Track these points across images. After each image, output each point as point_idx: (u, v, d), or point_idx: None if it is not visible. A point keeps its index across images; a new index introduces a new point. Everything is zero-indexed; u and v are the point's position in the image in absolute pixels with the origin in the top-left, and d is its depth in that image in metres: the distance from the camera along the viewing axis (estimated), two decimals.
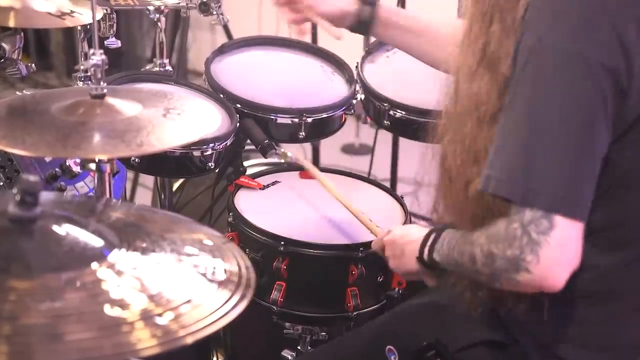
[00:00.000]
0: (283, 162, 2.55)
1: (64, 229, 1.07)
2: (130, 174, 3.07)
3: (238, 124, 2.01)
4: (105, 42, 2.19)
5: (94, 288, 0.99)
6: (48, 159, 2.05)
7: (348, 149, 4.18)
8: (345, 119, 2.22)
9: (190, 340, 0.94)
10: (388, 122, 2.14)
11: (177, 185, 2.52)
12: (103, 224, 1.12)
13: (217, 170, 2.06)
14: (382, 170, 3.20)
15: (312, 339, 1.84)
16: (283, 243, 1.77)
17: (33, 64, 2.15)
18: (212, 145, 1.91)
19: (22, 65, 2.10)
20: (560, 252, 1.22)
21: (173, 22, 3.17)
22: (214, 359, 2.09)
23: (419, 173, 1.53)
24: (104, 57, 1.47)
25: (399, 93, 2.15)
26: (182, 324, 0.95)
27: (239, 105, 2.07)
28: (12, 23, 2.01)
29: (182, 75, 3.83)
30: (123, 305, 0.96)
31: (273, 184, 2.04)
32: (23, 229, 1.03)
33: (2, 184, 1.99)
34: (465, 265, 1.33)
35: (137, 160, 1.92)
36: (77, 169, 2.01)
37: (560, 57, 1.22)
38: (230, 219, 1.88)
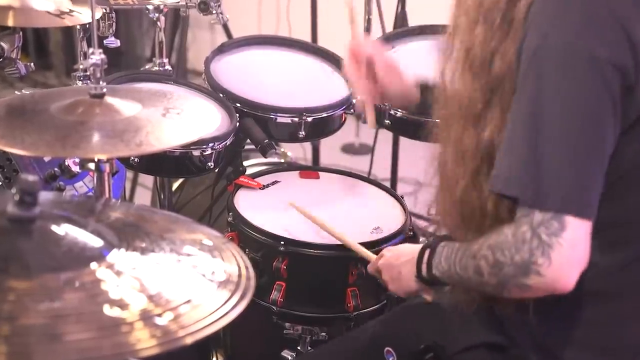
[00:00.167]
0: (283, 161, 2.56)
1: (63, 229, 1.06)
2: (130, 174, 3.06)
3: (238, 124, 2.01)
4: (105, 41, 2.19)
5: (93, 288, 0.98)
6: (47, 159, 2.04)
7: (348, 149, 4.18)
8: (346, 119, 2.22)
9: (190, 341, 0.93)
10: (388, 121, 2.14)
11: (176, 185, 2.52)
12: (102, 224, 1.12)
13: (216, 170, 2.06)
14: (382, 170, 3.19)
15: (312, 339, 1.83)
16: (283, 243, 1.76)
17: (32, 63, 2.14)
18: (211, 145, 1.91)
19: (21, 65, 2.09)
20: (572, 252, 1.21)
21: (172, 21, 3.17)
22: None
23: (420, 173, 1.52)
24: (103, 56, 1.47)
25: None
26: (181, 324, 0.95)
27: (239, 105, 2.07)
28: (11, 22, 2.00)
29: (181, 75, 3.83)
30: (122, 306, 0.96)
31: (273, 184, 2.04)
32: (22, 229, 1.02)
33: (1, 184, 1.99)
34: (471, 279, 1.32)
35: (136, 160, 1.92)
36: (76, 169, 2.00)
37: (566, 54, 1.21)
38: (230, 219, 1.88)
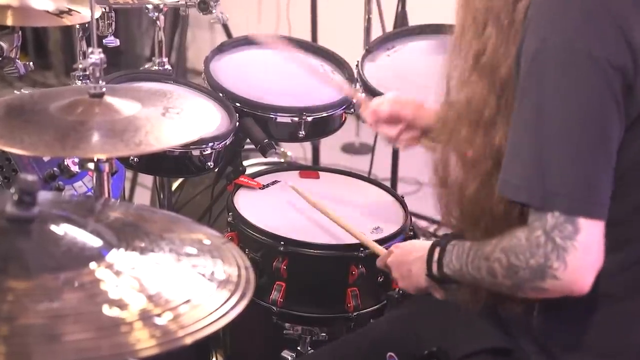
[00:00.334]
0: (283, 161, 2.56)
1: (62, 229, 1.06)
2: (129, 174, 3.06)
3: (237, 123, 2.01)
4: (104, 40, 2.19)
5: (92, 288, 0.98)
6: (46, 159, 2.04)
7: (348, 148, 4.18)
8: (346, 118, 2.22)
9: (190, 341, 0.93)
10: None
11: (176, 185, 2.51)
12: (101, 224, 1.12)
13: (216, 170, 2.06)
14: (382, 170, 3.19)
15: (312, 340, 1.83)
16: (283, 243, 1.76)
17: (31, 63, 2.14)
18: (211, 145, 1.91)
19: (20, 64, 2.09)
20: (587, 255, 1.21)
21: (172, 20, 3.16)
22: None
23: (420, 173, 1.52)
24: (103, 55, 1.47)
25: (400, 92, 2.14)
26: (181, 324, 0.95)
27: (239, 104, 2.06)
28: (10, 21, 2.00)
29: (181, 74, 3.83)
30: (121, 306, 0.96)
31: (273, 184, 2.04)
32: (21, 229, 1.02)
33: (0, 184, 1.99)
34: (484, 279, 1.31)
35: (135, 160, 1.91)
36: (75, 169, 2.00)
37: (565, 56, 1.21)
38: (230, 219, 1.88)
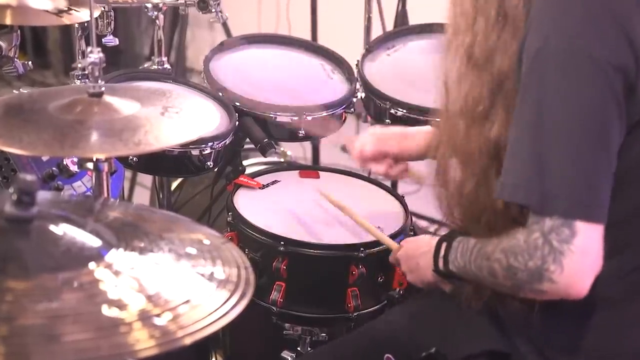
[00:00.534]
0: (282, 161, 2.56)
1: (61, 229, 1.06)
2: (128, 173, 3.05)
3: (237, 123, 2.00)
4: (103, 40, 2.18)
5: (92, 288, 0.98)
6: (45, 158, 2.04)
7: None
8: (346, 118, 2.21)
9: (189, 341, 0.93)
10: (389, 120, 2.13)
11: (175, 185, 2.51)
12: (101, 224, 1.12)
13: (216, 170, 2.05)
14: None
15: (312, 340, 1.82)
16: (283, 243, 1.75)
17: (30, 62, 2.14)
18: (210, 144, 1.91)
19: (19, 63, 2.09)
20: (584, 258, 1.21)
21: (171, 19, 3.16)
22: None
23: (420, 172, 1.52)
24: (102, 55, 1.46)
25: (400, 91, 2.14)
26: (180, 325, 0.94)
27: (238, 104, 2.06)
28: (8, 20, 2.00)
29: (180, 74, 3.83)
30: (121, 306, 0.95)
31: (272, 183, 2.03)
32: (20, 229, 1.02)
33: None
34: (486, 279, 1.32)
35: (135, 159, 1.91)
36: (74, 168, 2.00)
37: (567, 56, 1.21)
38: (230, 219, 1.87)
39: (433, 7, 1.93)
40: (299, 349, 1.83)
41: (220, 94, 2.08)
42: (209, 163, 1.94)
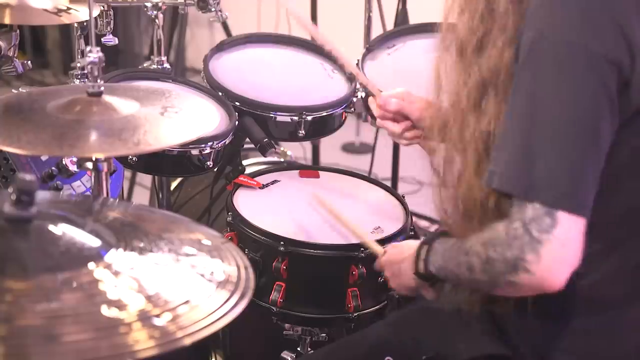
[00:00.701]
0: (282, 160, 2.55)
1: (61, 229, 1.06)
2: (128, 173, 3.05)
3: (237, 122, 2.00)
4: (102, 39, 2.18)
5: (91, 289, 0.97)
6: (44, 158, 2.03)
7: (348, 148, 4.18)
8: (346, 117, 2.21)
9: (189, 342, 0.92)
10: None
11: (175, 185, 2.51)
12: (100, 224, 1.11)
13: (215, 169, 2.05)
14: (383, 169, 3.19)
15: (312, 340, 1.82)
16: (283, 243, 1.75)
17: (29, 61, 2.13)
18: (210, 144, 1.90)
19: (18, 63, 2.09)
20: (562, 250, 1.20)
21: (171, 19, 3.16)
22: None
23: (421, 172, 1.52)
24: (101, 54, 1.46)
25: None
26: (180, 325, 0.94)
27: (238, 103, 2.06)
28: (8, 20, 2.00)
29: (180, 73, 3.83)
30: (120, 306, 0.95)
31: (272, 183, 2.03)
32: (19, 229, 1.02)
33: None
34: (464, 276, 1.31)
35: (134, 159, 1.90)
36: (73, 168, 1.99)
37: (562, 50, 1.21)
38: (229, 219, 1.87)
39: (433, 6, 1.92)
40: (299, 350, 1.83)
41: (220, 94, 2.08)
42: (209, 163, 1.93)
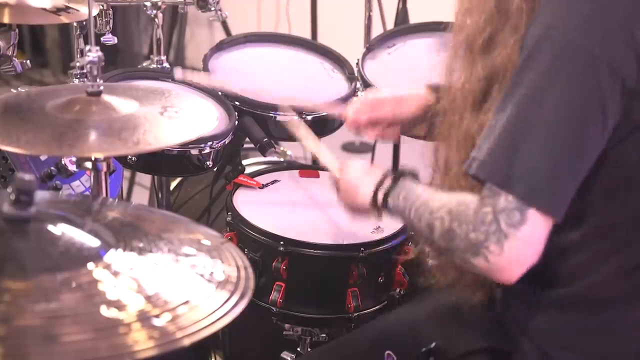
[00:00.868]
0: (282, 160, 2.54)
1: (60, 229, 1.05)
2: (127, 173, 3.05)
3: (236, 122, 2.00)
4: (102, 38, 2.18)
5: (90, 289, 0.97)
6: (43, 158, 2.03)
7: (349, 147, 4.17)
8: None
9: (188, 342, 0.92)
10: None
11: (174, 184, 2.50)
12: (99, 224, 1.11)
13: (215, 169, 2.04)
14: None
15: (312, 341, 1.82)
16: (282, 243, 1.75)
17: (28, 61, 2.13)
18: (210, 144, 1.90)
19: (17, 62, 2.09)
20: (525, 249, 1.21)
21: (170, 18, 3.16)
22: None
23: (421, 172, 1.52)
24: (100, 53, 1.46)
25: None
26: (179, 326, 0.94)
27: (238, 103, 2.05)
28: (6, 19, 1.99)
29: None
30: (120, 307, 0.95)
31: (272, 183, 2.03)
32: (18, 229, 1.01)
33: None
34: (421, 230, 1.32)
35: (133, 159, 1.90)
36: (72, 168, 1.99)
37: (564, 49, 1.21)
38: (229, 219, 1.87)
39: (434, 5, 1.92)
40: (299, 350, 1.83)
41: (220, 93, 2.07)
42: (208, 163, 1.93)
